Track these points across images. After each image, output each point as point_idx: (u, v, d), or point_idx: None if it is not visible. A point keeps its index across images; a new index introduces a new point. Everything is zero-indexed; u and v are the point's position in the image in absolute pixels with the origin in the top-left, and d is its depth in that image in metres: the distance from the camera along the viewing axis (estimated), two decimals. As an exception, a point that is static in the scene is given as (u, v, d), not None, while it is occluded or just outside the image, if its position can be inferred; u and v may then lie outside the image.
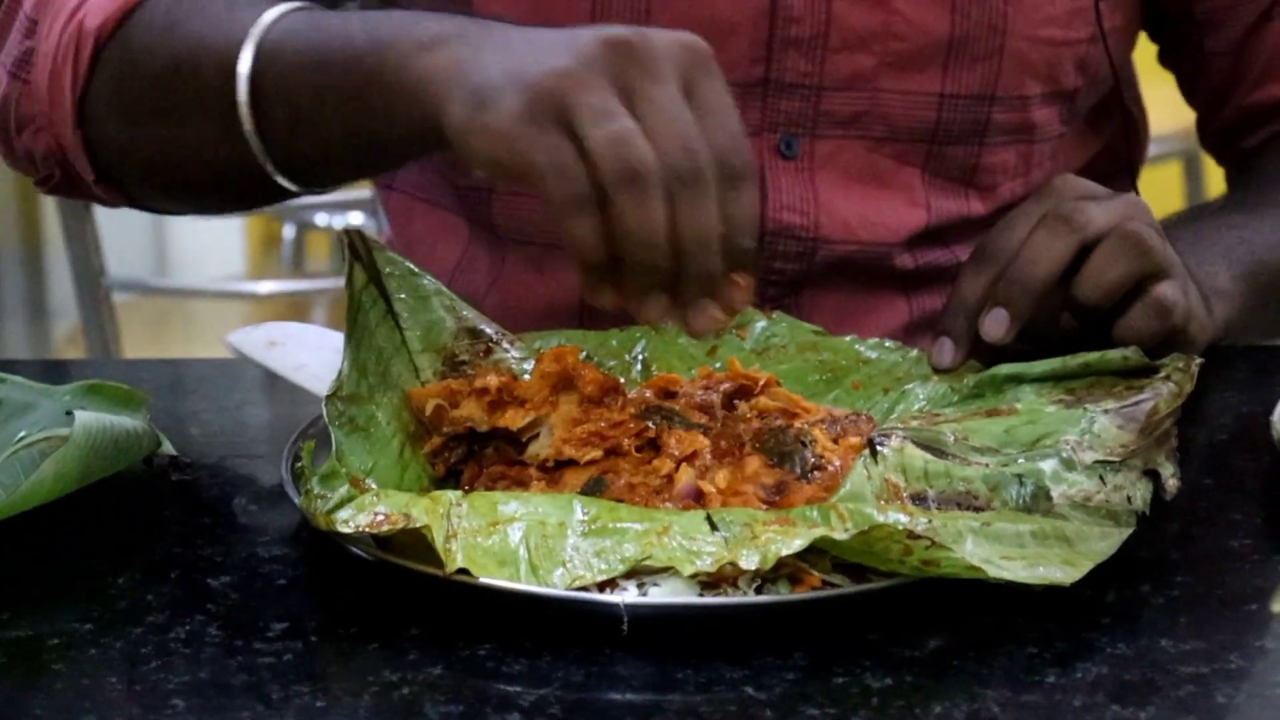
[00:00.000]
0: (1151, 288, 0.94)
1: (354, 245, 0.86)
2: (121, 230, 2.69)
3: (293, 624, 0.75)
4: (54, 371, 1.11)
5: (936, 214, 1.13)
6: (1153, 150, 1.31)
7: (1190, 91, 1.24)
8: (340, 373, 0.83)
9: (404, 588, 0.76)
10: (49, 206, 2.46)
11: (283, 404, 0.97)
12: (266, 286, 2.02)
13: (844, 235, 1.11)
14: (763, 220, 1.09)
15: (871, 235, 1.11)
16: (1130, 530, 0.78)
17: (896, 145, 1.10)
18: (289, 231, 2.62)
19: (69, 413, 0.82)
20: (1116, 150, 1.23)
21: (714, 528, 0.76)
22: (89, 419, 0.81)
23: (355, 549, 0.77)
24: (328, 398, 0.82)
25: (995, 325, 0.93)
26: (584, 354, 0.98)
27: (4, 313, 3.02)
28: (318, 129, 0.87)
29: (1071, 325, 0.95)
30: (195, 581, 0.80)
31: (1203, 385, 0.96)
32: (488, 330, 0.91)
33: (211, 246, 3.01)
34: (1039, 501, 0.78)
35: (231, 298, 2.12)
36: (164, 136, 0.95)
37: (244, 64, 0.88)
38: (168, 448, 0.88)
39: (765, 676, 0.72)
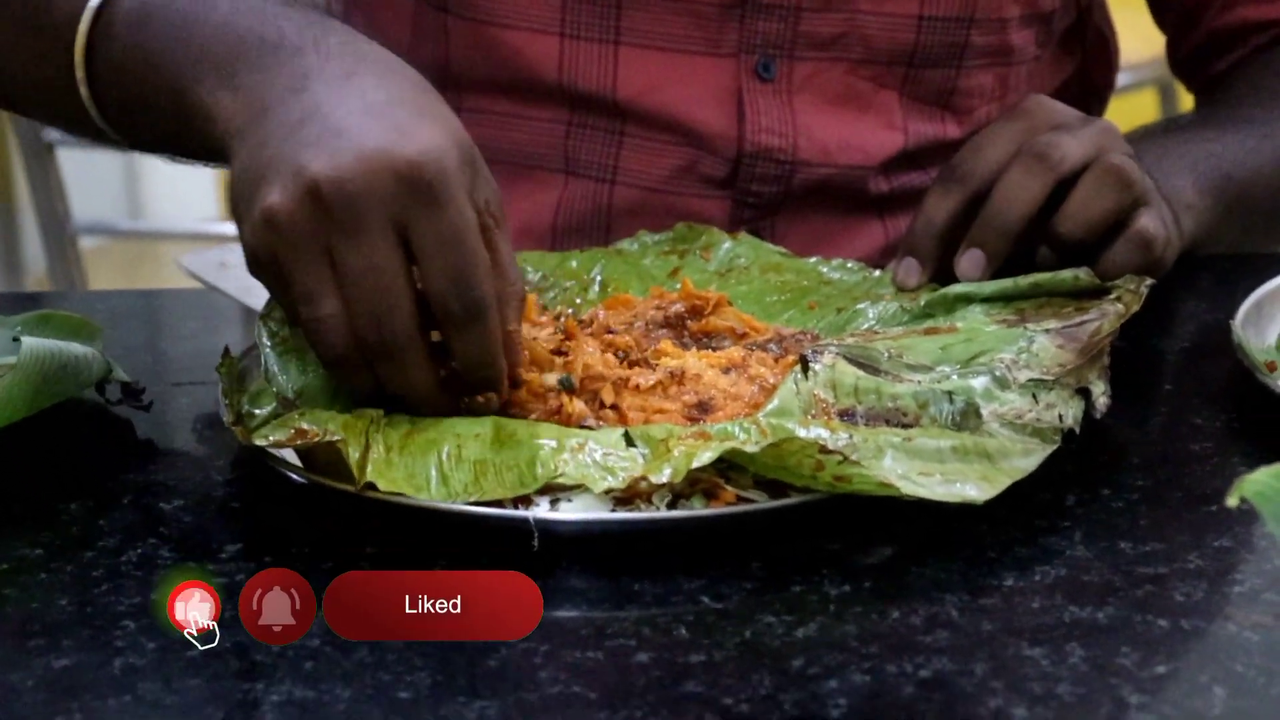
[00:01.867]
0: (1133, 221, 0.93)
1: None
2: (93, 177, 2.67)
3: (246, 546, 0.75)
4: (7, 303, 1.10)
5: (913, 137, 1.12)
6: (1128, 78, 1.31)
7: (1160, 15, 1.23)
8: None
9: (356, 510, 0.75)
10: (16, 157, 2.44)
11: (238, 330, 0.96)
12: (232, 227, 2.00)
13: (822, 159, 1.10)
14: (741, 142, 1.08)
15: (849, 159, 1.10)
16: (1054, 447, 0.78)
17: (874, 68, 1.09)
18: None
19: (16, 339, 0.81)
20: (1087, 73, 1.22)
21: (630, 444, 0.75)
22: (36, 345, 0.80)
23: (285, 470, 0.76)
24: (261, 317, 0.81)
25: (972, 266, 0.92)
26: (540, 275, 0.97)
27: (-25, 265, 3.00)
28: (141, 113, 0.85)
29: (1048, 258, 0.94)
30: (147, 506, 0.79)
31: (1167, 294, 0.96)
32: None
33: (185, 191, 2.99)
34: (969, 419, 0.78)
35: (201, 239, 2.10)
36: (12, 59, 0.91)
37: (84, 22, 0.85)
38: (120, 375, 0.87)
39: (723, 586, 0.71)
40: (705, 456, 0.72)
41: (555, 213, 1.11)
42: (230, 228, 0.81)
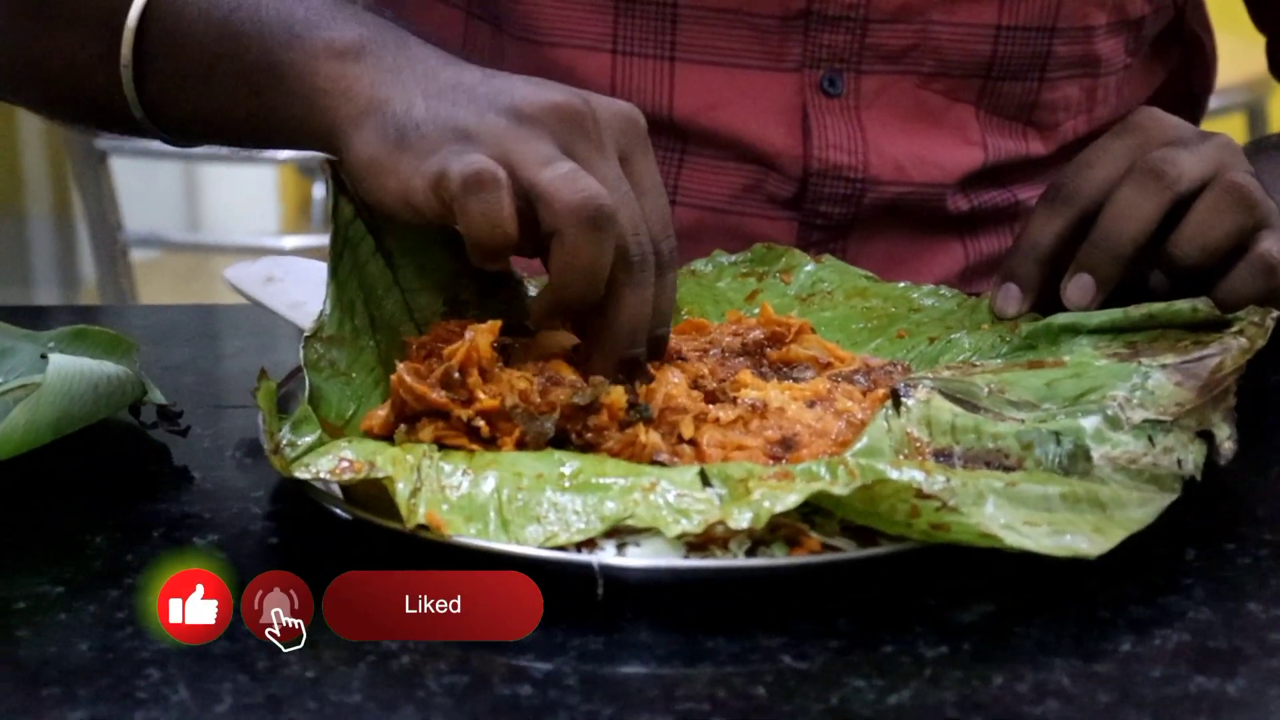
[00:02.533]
0: (1255, 245, 0.86)
1: (338, 175, 0.79)
2: (152, 192, 2.65)
3: (284, 586, 0.69)
4: (44, 318, 1.05)
5: (994, 153, 1.07)
6: (1216, 102, 1.24)
7: (1260, 16, 1.17)
8: (321, 312, 0.78)
9: (402, 548, 0.69)
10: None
11: (287, 348, 0.90)
12: (292, 241, 1.95)
13: (895, 176, 1.05)
14: (807, 160, 1.04)
15: (924, 175, 1.05)
16: (1174, 497, 0.71)
17: (948, 81, 1.05)
18: (319, 191, 2.57)
19: (44, 355, 0.76)
20: (1181, 80, 1.16)
21: (706, 483, 0.69)
22: (64, 363, 0.75)
23: (328, 505, 0.71)
24: (306, 339, 0.77)
25: (1080, 293, 0.86)
26: None
27: (36, 278, 2.99)
28: (198, 94, 0.82)
29: (1162, 284, 0.88)
30: (179, 540, 0.73)
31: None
32: None
33: (245, 207, 2.97)
34: (1077, 462, 0.72)
35: (256, 253, 2.06)
36: (34, 37, 0.88)
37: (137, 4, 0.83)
38: (156, 396, 0.81)
39: (806, 645, 0.65)
40: (790, 500, 0.67)
41: None
42: (285, 241, 0.77)
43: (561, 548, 0.68)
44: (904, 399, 0.73)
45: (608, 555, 0.67)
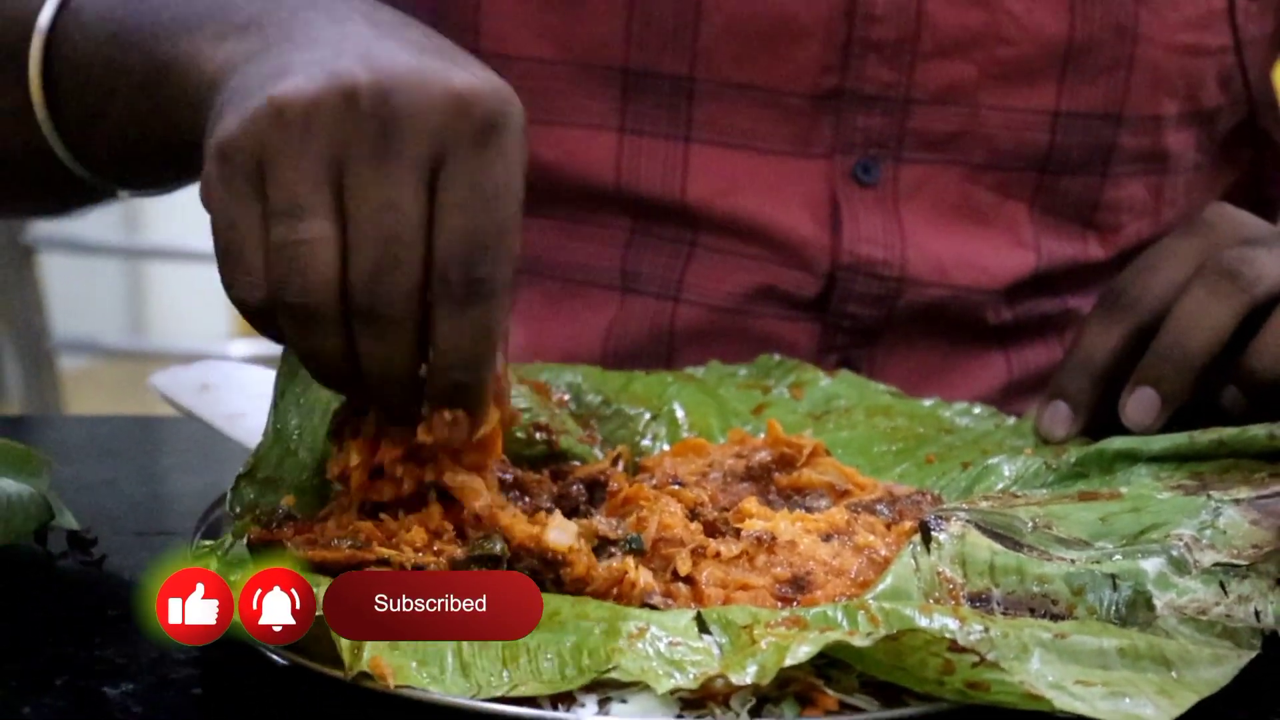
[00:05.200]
0: None
1: None
2: (91, 294, 2.64)
3: (208, 745, 0.66)
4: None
5: (1047, 258, 1.05)
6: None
7: None
8: (260, 446, 0.73)
9: (345, 699, 0.65)
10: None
11: (223, 468, 0.87)
12: (245, 348, 1.91)
13: (936, 277, 1.03)
14: (836, 253, 1.02)
15: (968, 279, 1.04)
16: (1252, 655, 0.68)
17: (999, 174, 1.03)
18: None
19: (-67, 472, 0.72)
20: (1250, 187, 1.15)
21: (704, 630, 0.66)
22: (-43, 481, 0.71)
23: (261, 648, 0.67)
24: (238, 479, 0.73)
25: (1141, 409, 0.84)
26: (600, 399, 0.89)
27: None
28: (109, 118, 0.79)
29: (1236, 402, 0.85)
30: (87, 690, 0.69)
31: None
32: None
33: (194, 309, 2.94)
34: (1137, 611, 0.70)
35: (202, 360, 2.03)
36: None
37: (43, 18, 0.80)
38: (67, 521, 0.79)
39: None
40: (801, 651, 0.63)
41: (606, 337, 1.04)
42: (233, 346, 0.73)
43: (533, 701, 0.64)
44: (935, 533, 0.71)
45: (588, 714, 0.64)
